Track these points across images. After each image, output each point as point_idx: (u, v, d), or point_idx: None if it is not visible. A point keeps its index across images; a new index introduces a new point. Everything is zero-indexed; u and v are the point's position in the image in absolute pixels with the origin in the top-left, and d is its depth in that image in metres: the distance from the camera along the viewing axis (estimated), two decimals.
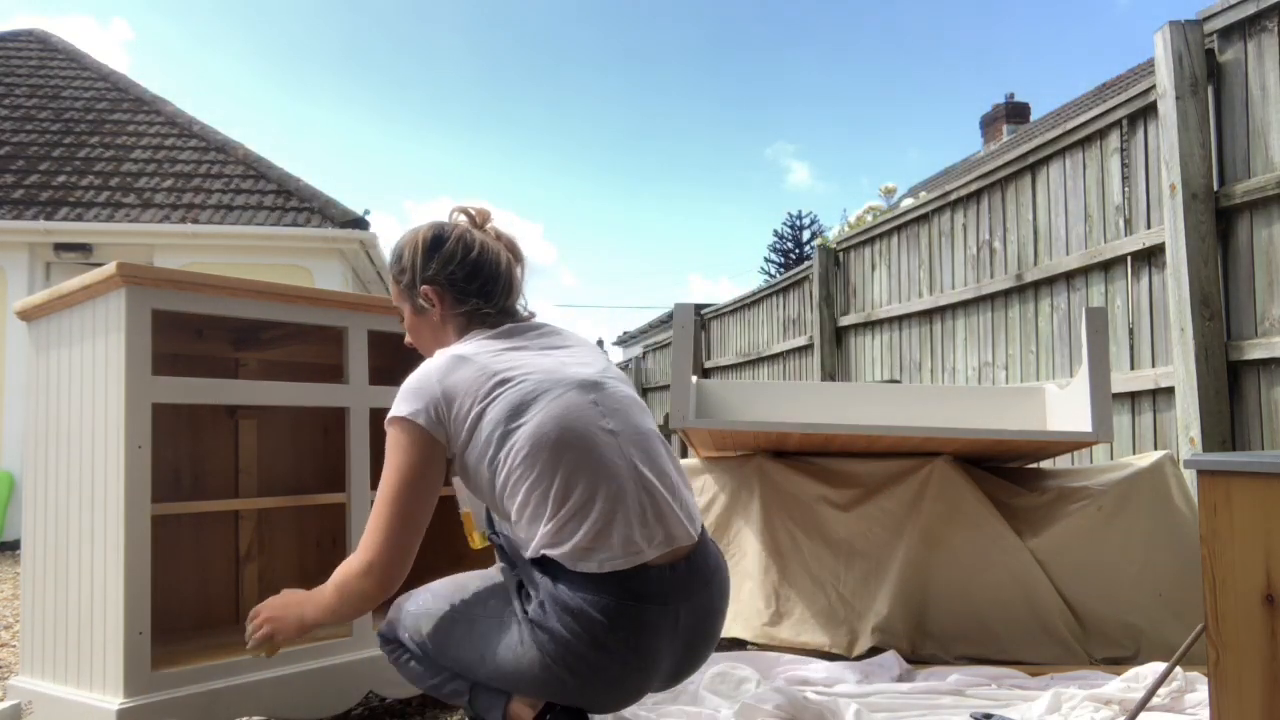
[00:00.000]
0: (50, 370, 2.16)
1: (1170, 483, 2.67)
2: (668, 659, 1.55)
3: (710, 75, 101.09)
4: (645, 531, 1.52)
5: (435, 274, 1.74)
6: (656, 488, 1.57)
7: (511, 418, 1.54)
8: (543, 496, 1.51)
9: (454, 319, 1.76)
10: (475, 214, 1.84)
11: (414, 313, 1.80)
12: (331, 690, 2.10)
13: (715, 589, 1.60)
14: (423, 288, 1.75)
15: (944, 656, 2.58)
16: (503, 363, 1.61)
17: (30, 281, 7.43)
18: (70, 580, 2.02)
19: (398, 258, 1.81)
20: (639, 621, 1.48)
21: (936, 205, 5.21)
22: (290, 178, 8.52)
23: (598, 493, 1.51)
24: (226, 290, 2.07)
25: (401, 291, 1.81)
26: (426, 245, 1.76)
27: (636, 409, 1.67)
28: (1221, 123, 3.16)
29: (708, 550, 1.62)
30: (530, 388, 1.57)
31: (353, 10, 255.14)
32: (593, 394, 1.61)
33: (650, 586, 1.50)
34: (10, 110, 8.82)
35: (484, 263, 1.76)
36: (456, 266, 1.75)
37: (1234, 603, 1.37)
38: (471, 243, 1.77)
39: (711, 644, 1.63)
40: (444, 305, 1.76)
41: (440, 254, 1.75)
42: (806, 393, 3.23)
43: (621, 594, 1.48)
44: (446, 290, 1.75)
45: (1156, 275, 3.47)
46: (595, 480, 1.52)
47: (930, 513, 2.67)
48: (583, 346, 1.77)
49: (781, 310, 7.88)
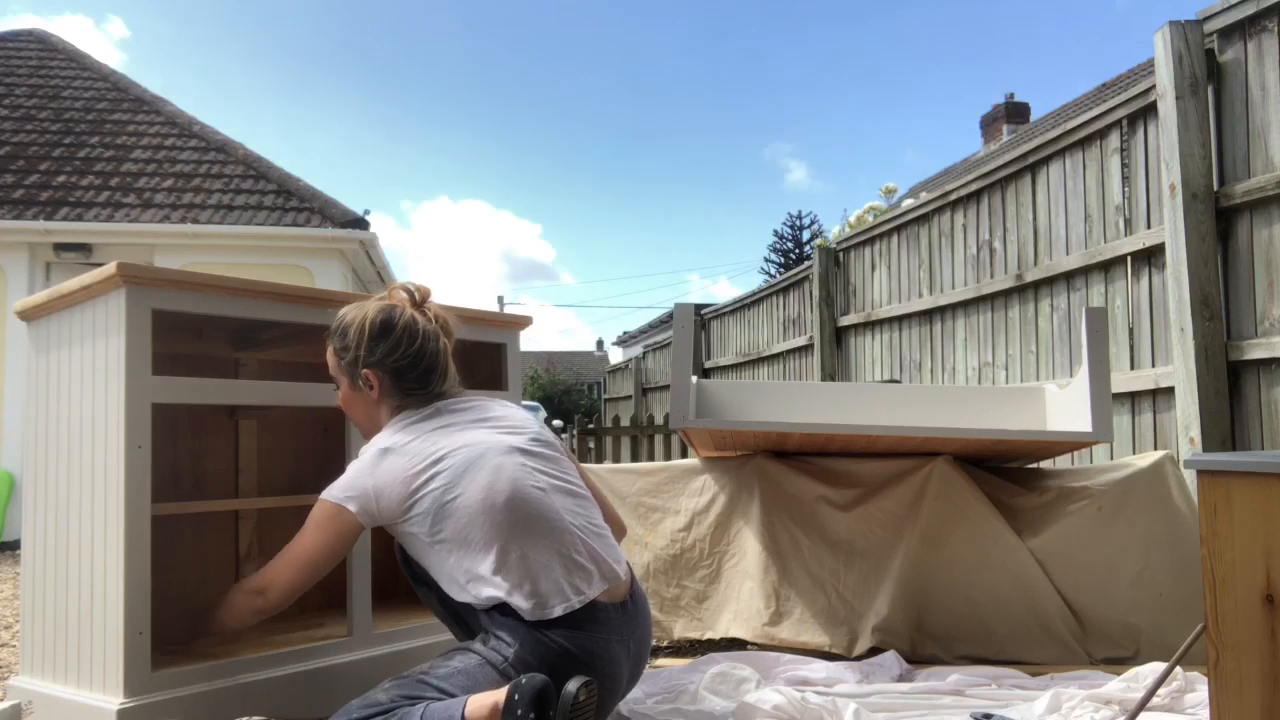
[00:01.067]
0: (50, 370, 2.16)
1: (1170, 483, 2.67)
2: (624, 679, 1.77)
3: (708, 75, 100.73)
4: (584, 575, 1.70)
5: (379, 360, 1.88)
6: (587, 535, 1.76)
7: (446, 492, 1.71)
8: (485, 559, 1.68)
9: (388, 401, 1.91)
10: (416, 291, 1.98)
11: (351, 388, 1.93)
12: (331, 690, 2.10)
13: (648, 618, 1.86)
14: (364, 370, 1.89)
15: (944, 656, 2.58)
16: (430, 446, 1.77)
17: (30, 281, 7.43)
18: (70, 580, 2.02)
19: (342, 334, 1.92)
20: (604, 654, 1.68)
21: (936, 205, 5.21)
22: (290, 178, 8.53)
23: (539, 547, 1.69)
24: (226, 290, 2.07)
25: (341, 366, 1.94)
26: (374, 331, 1.88)
27: (564, 467, 1.86)
28: (1221, 123, 3.16)
29: (637, 586, 1.85)
30: (460, 462, 1.74)
31: (351, 10, 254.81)
32: (521, 458, 1.78)
33: (611, 623, 1.71)
34: (10, 110, 8.81)
35: (425, 353, 1.90)
36: (400, 355, 1.88)
37: (1234, 603, 1.37)
38: (415, 333, 1.90)
39: (648, 654, 1.87)
40: (381, 388, 1.90)
41: (387, 341, 1.88)
42: (806, 393, 3.23)
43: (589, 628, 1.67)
44: (387, 376, 1.89)
45: (1156, 275, 3.47)
46: (534, 536, 1.70)
47: (930, 513, 2.67)
48: (510, 415, 1.92)
49: (781, 310, 7.88)
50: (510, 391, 2.71)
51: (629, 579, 1.83)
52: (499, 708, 1.50)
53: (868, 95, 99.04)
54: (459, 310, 2.56)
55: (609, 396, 16.52)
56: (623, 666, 1.74)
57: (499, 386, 2.70)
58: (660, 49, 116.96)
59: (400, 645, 2.31)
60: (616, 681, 1.73)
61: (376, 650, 2.26)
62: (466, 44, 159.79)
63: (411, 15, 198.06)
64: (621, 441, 7.39)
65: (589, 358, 50.93)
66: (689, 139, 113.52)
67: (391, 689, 1.65)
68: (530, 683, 1.49)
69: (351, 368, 1.90)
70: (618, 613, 1.74)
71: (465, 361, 2.80)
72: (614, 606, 1.74)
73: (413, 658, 2.28)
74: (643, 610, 1.83)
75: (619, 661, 1.72)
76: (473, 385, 2.72)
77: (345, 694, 1.84)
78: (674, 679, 2.24)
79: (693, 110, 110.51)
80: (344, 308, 1.97)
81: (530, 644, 1.64)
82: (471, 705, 1.53)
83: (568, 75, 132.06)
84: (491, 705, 1.52)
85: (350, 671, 2.18)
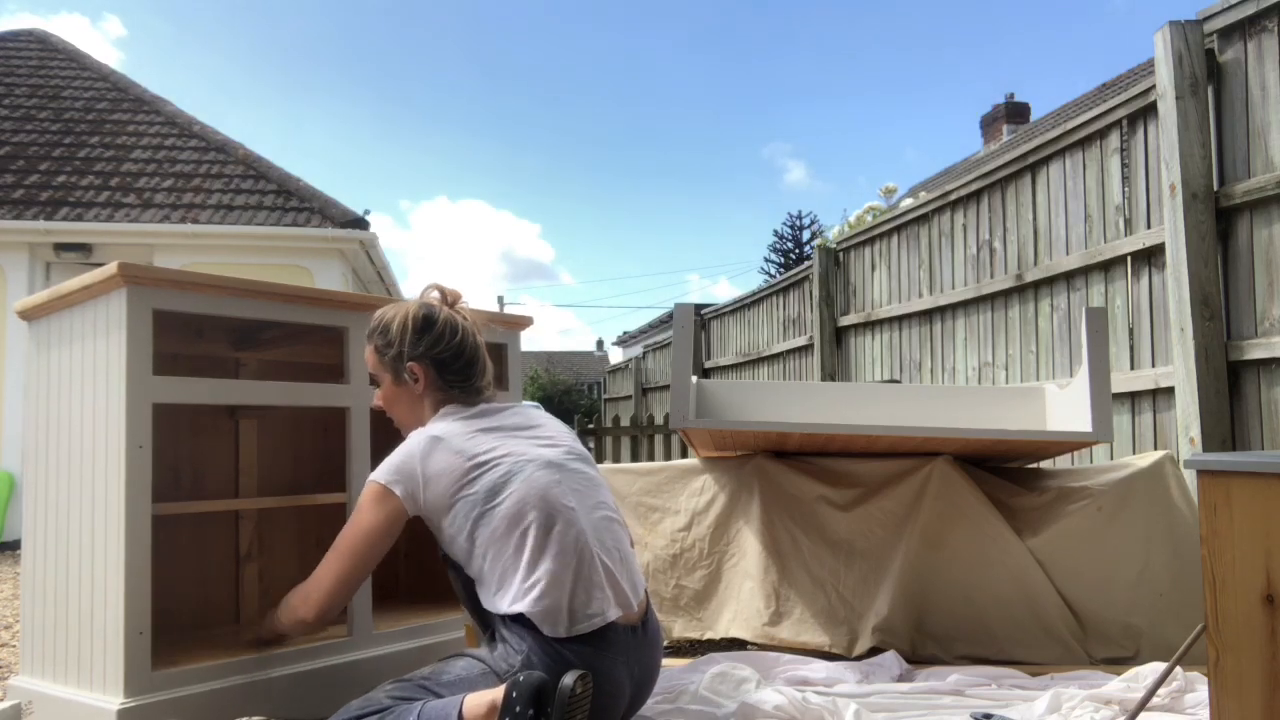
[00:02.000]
0: (50, 370, 2.16)
1: (1170, 483, 2.67)
2: (624, 702, 1.77)
3: (706, 75, 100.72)
4: (601, 597, 1.71)
5: (424, 353, 1.91)
6: (611, 560, 1.78)
7: (488, 499, 1.73)
8: (514, 568, 1.70)
9: (432, 395, 1.93)
10: (448, 293, 2.03)
11: (394, 384, 1.95)
12: (331, 690, 2.10)
13: (659, 647, 1.87)
14: (410, 364, 1.91)
15: (944, 656, 2.58)
16: (477, 446, 1.80)
17: (30, 281, 7.42)
18: (70, 580, 2.02)
19: (384, 330, 1.95)
20: (608, 674, 1.68)
21: (936, 205, 5.21)
22: (290, 178, 8.52)
23: (564, 565, 1.70)
24: (226, 290, 2.07)
25: (385, 363, 1.95)
26: (418, 324, 1.92)
27: (594, 487, 1.88)
28: (1221, 123, 3.16)
29: (651, 613, 1.87)
30: (504, 471, 1.76)
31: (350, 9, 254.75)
32: (557, 474, 1.81)
33: (620, 644, 1.72)
34: (10, 110, 8.81)
35: (466, 345, 1.95)
36: (444, 348, 1.92)
37: (1234, 603, 1.37)
38: (457, 326, 1.95)
39: (654, 682, 1.89)
40: (427, 381, 1.92)
41: (430, 334, 1.92)
42: (806, 393, 3.23)
43: (598, 646, 1.68)
44: (431, 369, 1.92)
45: (1156, 275, 3.47)
46: (561, 554, 1.73)
47: (930, 513, 2.67)
48: (548, 425, 1.97)
49: (781, 310, 7.88)
50: (510, 391, 2.71)
51: (646, 604, 1.85)
52: (497, 705, 1.50)
53: (866, 95, 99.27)
54: None
55: (609, 396, 16.52)
56: (624, 688, 1.74)
57: (500, 386, 2.70)
58: (658, 48, 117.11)
59: (400, 645, 2.31)
60: (616, 702, 1.73)
61: (376, 650, 2.26)
62: (465, 44, 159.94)
63: (410, 15, 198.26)
64: (621, 441, 7.39)
65: (589, 358, 50.93)
66: (687, 138, 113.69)
67: (392, 690, 1.65)
68: (528, 680, 1.50)
69: (396, 362, 1.93)
70: (628, 635, 1.75)
71: None
72: (626, 629, 1.75)
73: (413, 658, 2.28)
74: (653, 638, 1.84)
75: (621, 683, 1.73)
76: None
77: (345, 694, 1.85)
78: (674, 679, 2.24)
79: (691, 109, 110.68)
80: (378, 310, 2.01)
81: (539, 653, 1.64)
82: (469, 703, 1.54)
83: (566, 75, 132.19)
84: (489, 703, 1.52)
85: (350, 671, 2.18)
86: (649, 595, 1.90)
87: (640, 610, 1.81)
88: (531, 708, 1.47)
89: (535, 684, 1.49)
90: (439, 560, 1.88)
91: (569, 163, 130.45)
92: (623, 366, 16.22)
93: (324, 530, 2.92)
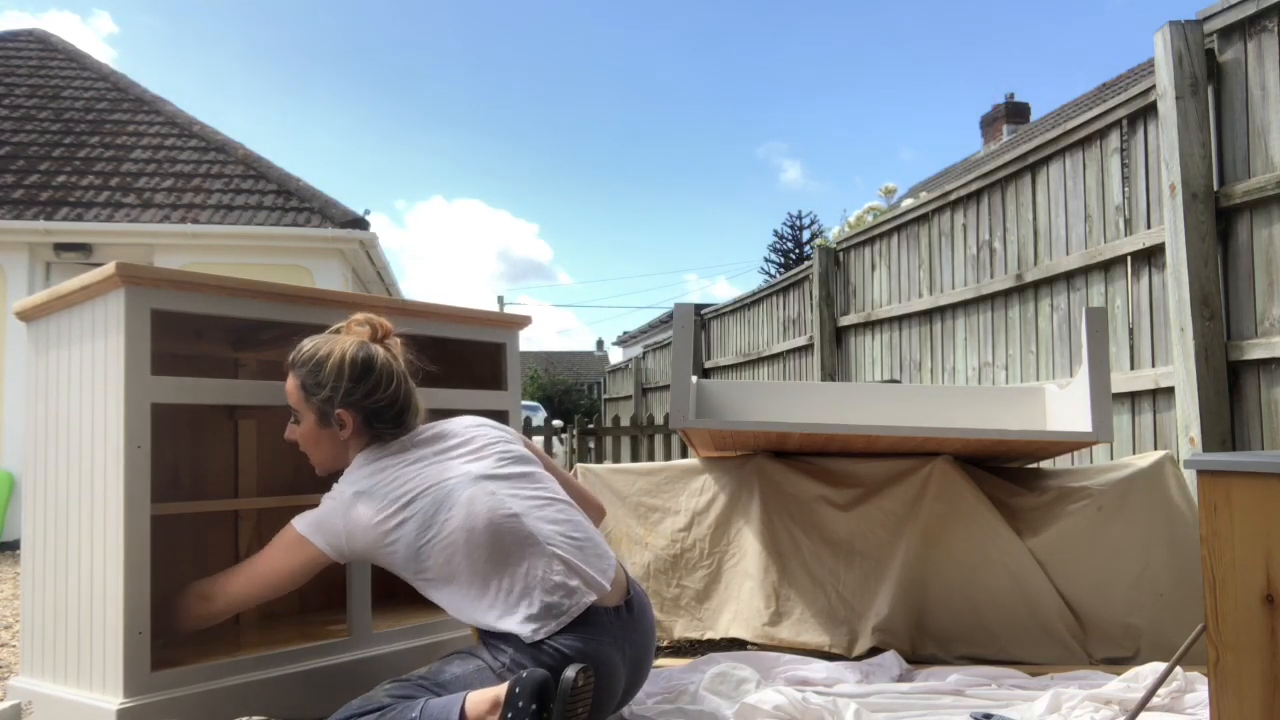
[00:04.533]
0: (50, 370, 2.16)
1: (1170, 483, 2.67)
2: (621, 682, 1.76)
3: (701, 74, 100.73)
4: (566, 591, 1.69)
5: (358, 401, 1.85)
6: (569, 550, 1.74)
7: (420, 535, 1.72)
8: (471, 592, 1.71)
9: (358, 440, 1.89)
10: (378, 326, 1.96)
11: (319, 426, 1.89)
12: (331, 690, 2.10)
13: (648, 622, 1.84)
14: (338, 411, 1.86)
15: (944, 656, 2.58)
16: (400, 487, 1.76)
17: (30, 281, 7.42)
18: (70, 580, 2.02)
19: (316, 368, 1.87)
20: (599, 657, 1.67)
21: (936, 205, 5.21)
22: (290, 177, 8.52)
23: (522, 573, 1.70)
24: (226, 290, 2.07)
25: (312, 404, 1.88)
26: (355, 370, 1.85)
27: (535, 482, 1.84)
28: (1221, 123, 3.16)
29: (635, 589, 1.84)
30: (430, 503, 1.74)
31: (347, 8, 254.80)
32: (491, 484, 1.77)
33: (606, 626, 1.70)
34: (10, 110, 8.81)
35: (399, 393, 1.89)
36: (379, 396, 1.86)
37: (1234, 603, 1.37)
38: (392, 372, 1.89)
39: (650, 661, 1.86)
40: (355, 428, 1.87)
41: (367, 382, 1.86)
42: (806, 393, 3.23)
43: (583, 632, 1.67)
44: (361, 417, 1.86)
45: (1156, 275, 3.47)
46: (515, 563, 1.70)
47: (930, 513, 2.67)
48: (475, 436, 1.90)
49: (781, 310, 7.88)
50: (510, 391, 2.71)
51: (625, 582, 1.83)
52: (499, 703, 1.50)
53: (862, 95, 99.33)
54: (459, 310, 2.57)
55: (609, 396, 16.52)
56: (619, 669, 1.73)
57: (499, 386, 2.70)
58: (653, 47, 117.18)
59: (400, 645, 2.31)
60: (613, 683, 1.73)
61: (376, 650, 2.26)
62: (461, 44, 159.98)
63: (406, 15, 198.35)
64: (621, 441, 7.39)
65: (589, 358, 50.93)
66: (682, 137, 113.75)
67: (392, 689, 1.65)
68: (531, 677, 1.50)
69: (325, 405, 1.87)
70: (613, 616, 1.74)
71: (465, 361, 2.81)
72: (609, 610, 1.73)
73: (413, 658, 2.28)
74: (640, 615, 1.82)
75: (615, 664, 1.72)
76: (472, 385, 2.72)
77: (345, 694, 1.85)
78: (674, 679, 2.24)
79: (686, 108, 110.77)
80: (307, 340, 1.94)
81: (526, 652, 1.65)
82: (471, 700, 1.54)
83: (561, 75, 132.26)
84: (492, 700, 1.52)
85: (350, 671, 2.18)
86: (627, 572, 1.88)
87: (620, 589, 1.79)
88: (534, 703, 1.47)
89: (538, 680, 1.49)
90: None
91: (566, 162, 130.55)
92: (623, 366, 16.22)
93: None
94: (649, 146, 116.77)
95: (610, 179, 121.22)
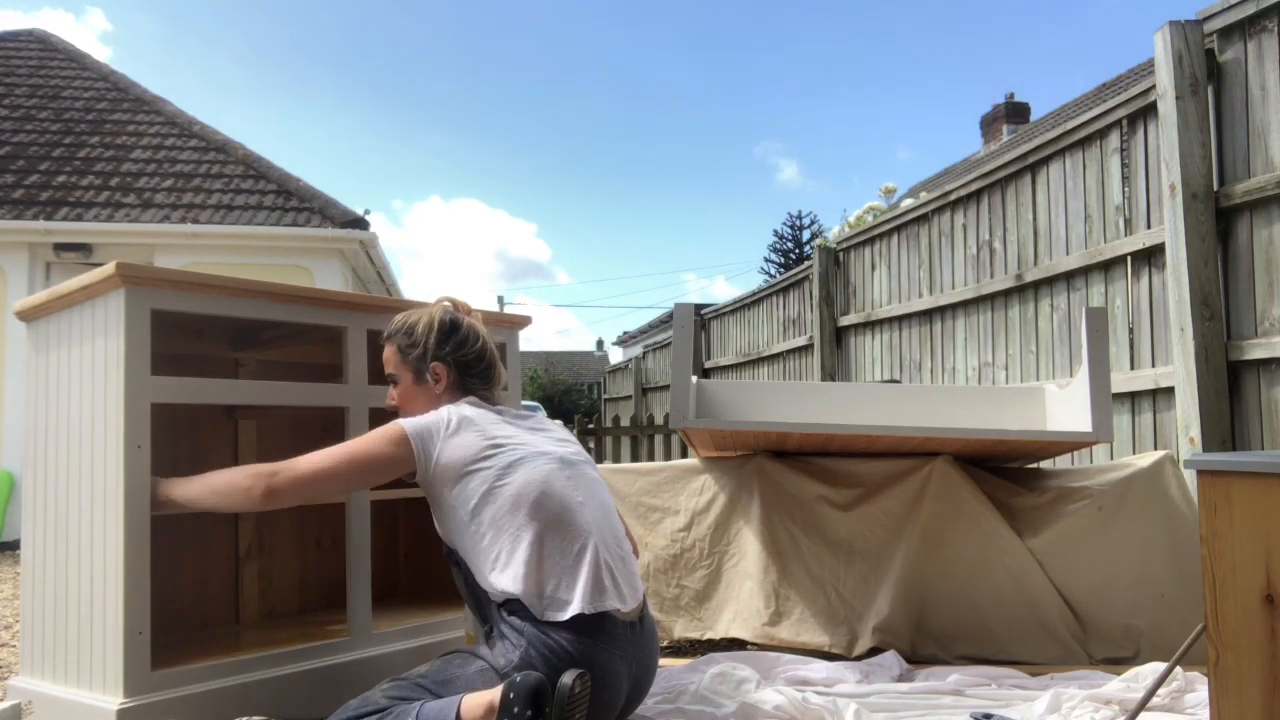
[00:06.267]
0: (50, 370, 2.16)
1: (1170, 483, 2.67)
2: (623, 696, 1.77)
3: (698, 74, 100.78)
4: (599, 589, 1.72)
5: (449, 354, 1.99)
6: (614, 555, 1.80)
7: (499, 477, 1.78)
8: (516, 547, 1.72)
9: (451, 395, 1.99)
10: (460, 305, 2.12)
11: (415, 383, 2.01)
12: (331, 690, 2.10)
13: (655, 645, 1.88)
14: (433, 364, 1.98)
15: (944, 656, 2.58)
16: (498, 430, 1.86)
17: (30, 281, 7.42)
18: (70, 580, 2.02)
19: (409, 331, 2.01)
20: (606, 666, 1.68)
21: (936, 205, 5.21)
22: (290, 178, 8.52)
23: (566, 550, 1.73)
24: (226, 290, 2.07)
25: (408, 362, 2.01)
26: (444, 327, 2.01)
27: (601, 488, 1.94)
28: (1221, 123, 3.16)
29: (648, 612, 1.88)
30: (518, 455, 1.82)
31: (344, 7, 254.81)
32: (568, 470, 1.86)
33: (618, 637, 1.72)
34: (10, 110, 8.81)
35: (486, 350, 2.04)
36: (468, 350, 2.01)
37: (1234, 603, 1.37)
38: (479, 332, 2.04)
39: (652, 679, 1.89)
40: (448, 382, 1.99)
41: (456, 337, 2.01)
42: (806, 393, 3.23)
43: (596, 637, 1.68)
44: (453, 370, 1.99)
45: (1156, 275, 3.47)
46: (564, 539, 1.75)
47: (930, 513, 2.67)
48: (559, 430, 2.04)
49: (781, 310, 7.88)
50: (510, 391, 2.71)
51: (643, 604, 1.86)
52: (494, 707, 1.50)
53: (860, 94, 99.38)
54: None
55: (609, 396, 16.52)
56: (622, 681, 1.74)
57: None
58: (649, 46, 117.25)
59: (400, 645, 2.31)
60: (614, 695, 1.73)
61: (376, 650, 2.26)
62: (458, 44, 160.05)
63: (404, 14, 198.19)
64: (621, 441, 7.39)
65: (589, 358, 50.93)
66: (679, 136, 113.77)
67: (390, 690, 1.65)
68: (525, 680, 1.49)
69: (419, 361, 1.99)
70: (626, 630, 1.76)
71: None
72: (624, 624, 1.75)
73: (413, 658, 2.28)
74: (649, 636, 1.85)
75: (619, 675, 1.73)
76: None
77: (345, 694, 1.85)
78: (674, 679, 2.24)
79: (682, 107, 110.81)
80: (399, 314, 2.07)
81: (537, 645, 1.64)
82: (467, 704, 1.54)
83: (558, 74, 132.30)
84: (487, 704, 1.52)
85: (350, 671, 2.18)
86: (646, 597, 1.91)
87: (638, 609, 1.82)
88: (529, 708, 1.47)
89: (532, 684, 1.49)
90: (439, 560, 1.89)
91: (563, 162, 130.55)
92: (623, 366, 16.22)
93: (324, 530, 2.92)
94: (646, 145, 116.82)
95: (608, 178, 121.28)
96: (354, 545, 2.25)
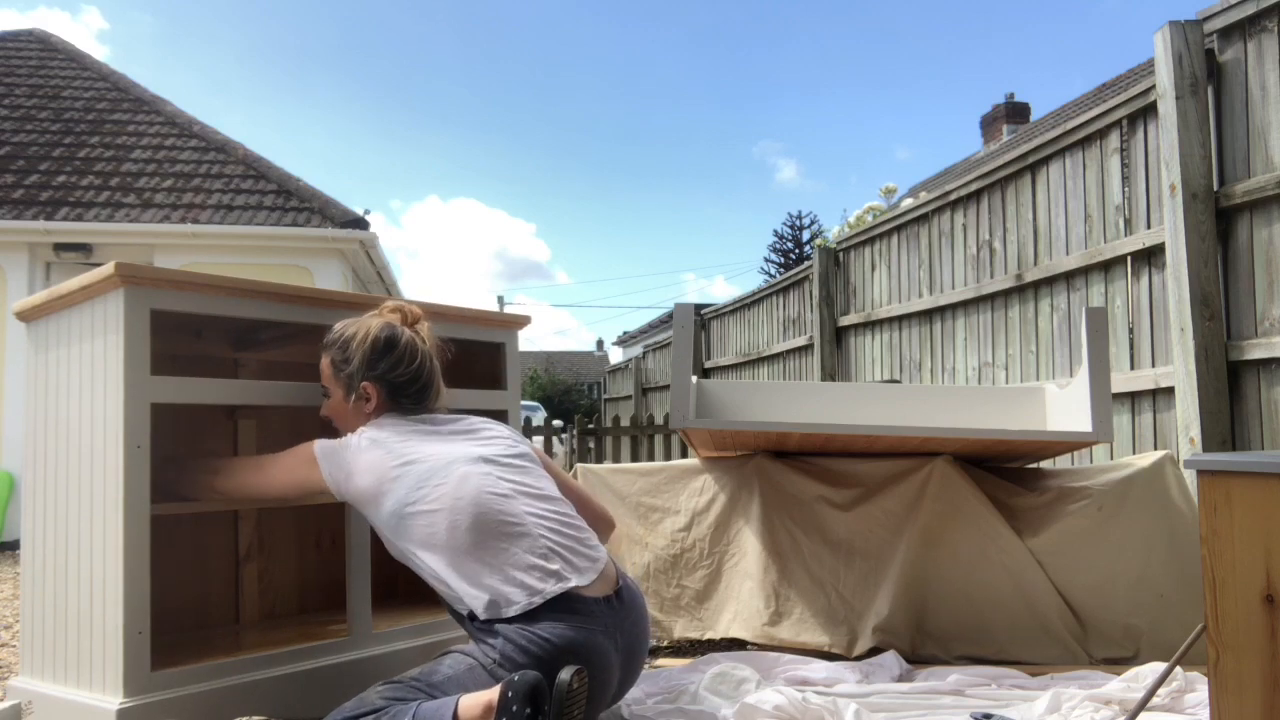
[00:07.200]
0: (49, 370, 2.16)
1: (1170, 483, 2.67)
2: (616, 673, 1.75)
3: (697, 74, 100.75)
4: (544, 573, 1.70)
5: (380, 374, 1.97)
6: (557, 534, 1.77)
7: (410, 493, 1.78)
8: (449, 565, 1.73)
9: (382, 413, 1.98)
10: (409, 313, 2.08)
11: (345, 399, 2.01)
12: (331, 690, 2.10)
13: (641, 614, 1.84)
14: (364, 384, 1.97)
15: (944, 656, 2.58)
16: (407, 449, 1.85)
17: (30, 281, 7.42)
18: (70, 580, 2.02)
19: (343, 345, 2.00)
20: (587, 644, 1.67)
21: (936, 205, 5.21)
22: (290, 178, 8.52)
23: (497, 549, 1.72)
24: (226, 290, 2.07)
25: (339, 378, 2.01)
26: (379, 346, 1.98)
27: (536, 474, 1.91)
28: (1221, 123, 3.16)
29: (626, 581, 1.85)
30: (425, 470, 1.80)
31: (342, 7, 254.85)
32: (488, 467, 1.83)
33: (596, 615, 1.70)
34: (10, 110, 8.81)
35: (422, 371, 2.00)
36: (401, 371, 1.98)
37: (1234, 603, 1.37)
38: (416, 350, 2.00)
39: (644, 651, 1.86)
40: (378, 401, 1.98)
41: (390, 357, 1.98)
42: (806, 393, 3.23)
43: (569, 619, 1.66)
44: (384, 390, 1.98)
45: (1156, 275, 3.47)
46: (493, 538, 1.73)
47: (930, 513, 2.67)
48: (494, 432, 1.99)
49: (781, 310, 7.88)
50: (509, 391, 2.71)
51: (614, 573, 1.83)
52: (493, 706, 1.50)
53: (858, 94, 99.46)
54: (459, 310, 2.57)
55: (609, 396, 16.52)
56: (611, 659, 1.72)
57: (498, 386, 2.70)
58: (648, 45, 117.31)
59: (400, 645, 2.31)
60: (606, 674, 1.72)
61: (376, 650, 2.26)
62: (457, 43, 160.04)
63: (403, 13, 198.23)
64: (621, 441, 7.39)
65: (589, 358, 50.94)
66: (678, 136, 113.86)
67: (385, 691, 1.65)
68: (524, 679, 1.49)
69: (350, 379, 1.98)
70: (603, 606, 1.73)
71: (464, 361, 2.80)
72: (598, 600, 1.73)
73: (412, 658, 2.28)
74: (632, 605, 1.82)
75: (607, 653, 1.71)
76: (471, 384, 2.72)
77: (345, 694, 1.85)
78: (674, 679, 2.24)
79: (681, 106, 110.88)
80: (340, 322, 2.05)
81: (514, 639, 1.64)
82: (465, 705, 1.53)
83: (556, 73, 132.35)
84: (485, 704, 1.51)
85: (350, 671, 2.18)
86: (619, 567, 1.89)
87: (609, 580, 1.80)
88: (529, 707, 1.47)
89: (531, 683, 1.49)
90: None
91: (562, 162, 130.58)
92: (623, 366, 16.22)
93: (323, 530, 2.92)
94: (645, 145, 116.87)
95: (607, 178, 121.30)
96: (354, 545, 2.25)
